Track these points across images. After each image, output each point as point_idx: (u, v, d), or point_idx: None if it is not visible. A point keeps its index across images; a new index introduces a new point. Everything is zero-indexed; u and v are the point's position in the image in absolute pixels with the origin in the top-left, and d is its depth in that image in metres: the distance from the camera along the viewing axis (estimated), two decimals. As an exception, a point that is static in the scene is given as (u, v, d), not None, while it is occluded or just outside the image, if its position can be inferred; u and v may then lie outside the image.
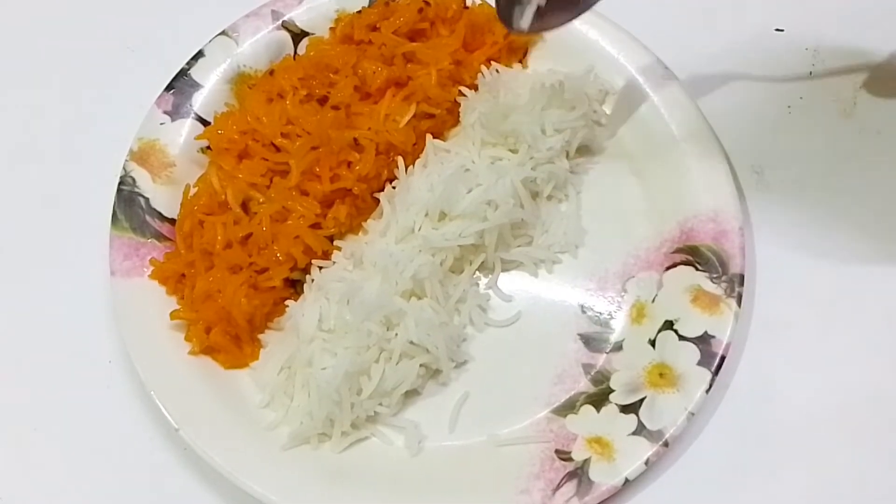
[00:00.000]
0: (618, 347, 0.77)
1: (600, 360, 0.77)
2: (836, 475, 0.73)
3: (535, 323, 0.79)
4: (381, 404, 0.75)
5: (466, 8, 0.87)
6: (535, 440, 0.74)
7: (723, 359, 0.73)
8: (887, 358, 0.77)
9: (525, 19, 0.71)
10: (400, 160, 0.81)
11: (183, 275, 0.79)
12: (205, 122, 0.85)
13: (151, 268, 0.79)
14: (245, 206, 0.80)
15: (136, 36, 0.96)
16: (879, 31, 0.90)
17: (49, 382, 0.80)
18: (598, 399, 0.75)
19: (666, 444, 0.71)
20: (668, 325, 0.76)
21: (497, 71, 0.86)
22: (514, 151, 0.82)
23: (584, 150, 0.85)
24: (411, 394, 0.76)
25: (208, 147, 0.83)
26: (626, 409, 0.73)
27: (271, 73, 0.86)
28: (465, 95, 0.84)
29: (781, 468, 0.73)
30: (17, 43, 0.97)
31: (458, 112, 0.85)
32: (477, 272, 0.81)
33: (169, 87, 0.86)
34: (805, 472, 0.73)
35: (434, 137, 0.83)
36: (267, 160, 0.81)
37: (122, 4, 0.98)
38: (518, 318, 0.79)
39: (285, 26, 0.89)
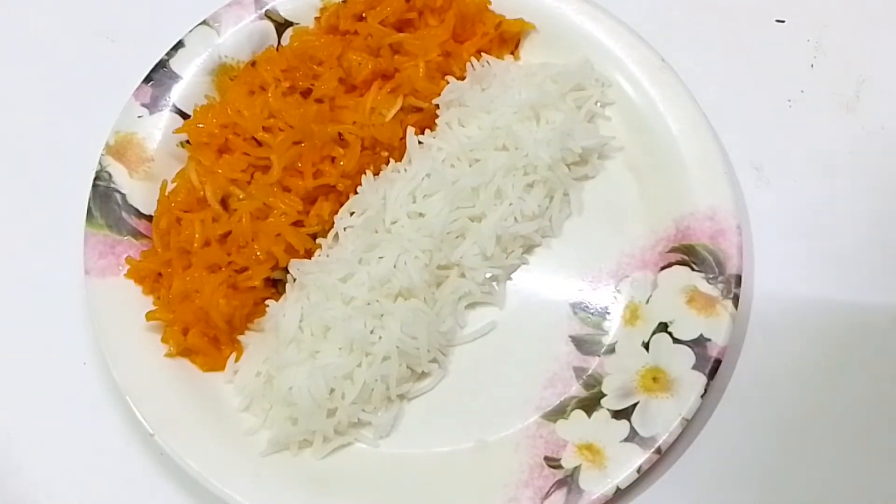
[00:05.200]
0: (610, 350, 0.75)
1: (592, 363, 0.75)
2: (834, 482, 0.71)
3: (526, 324, 0.77)
4: (364, 410, 0.72)
5: (456, -3, 0.85)
6: (524, 446, 0.71)
7: (718, 362, 0.71)
8: (888, 361, 0.75)
9: None
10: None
11: (160, 274, 0.77)
12: (184, 115, 0.83)
13: (127, 266, 0.77)
14: (225, 202, 0.78)
15: (114, 25, 0.93)
16: (883, 21, 0.88)
17: (21, 385, 0.78)
18: (590, 404, 0.73)
19: (659, 452, 0.69)
20: (663, 327, 0.74)
21: (488, 63, 0.84)
22: (500, 149, 0.79)
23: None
24: (396, 398, 0.74)
25: (187, 141, 0.81)
26: (618, 414, 0.71)
27: (253, 64, 0.84)
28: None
29: (779, 476, 0.71)
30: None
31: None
32: (465, 271, 0.78)
33: (147, 79, 0.83)
34: (803, 479, 0.71)
35: (422, 132, 0.81)
36: (248, 155, 0.78)
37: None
38: (507, 319, 0.77)
39: (269, 16, 0.86)
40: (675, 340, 0.73)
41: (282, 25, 0.86)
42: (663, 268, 0.76)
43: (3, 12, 0.95)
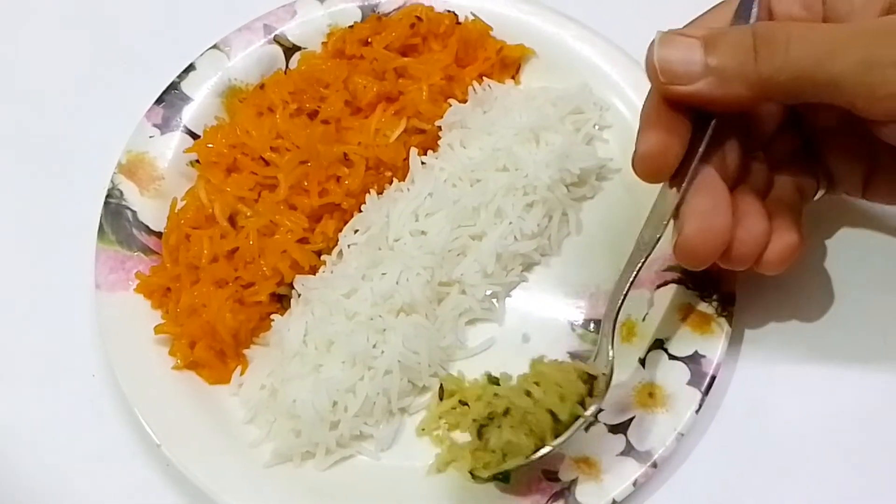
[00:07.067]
0: (607, 366, 0.76)
1: (590, 378, 0.76)
2: (828, 498, 0.72)
3: (525, 341, 0.78)
4: (366, 423, 0.74)
5: (459, 24, 0.87)
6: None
7: (713, 378, 0.72)
8: (881, 378, 0.76)
9: None
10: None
11: (168, 289, 0.78)
12: (194, 136, 0.84)
13: (137, 281, 0.78)
14: (232, 219, 0.79)
15: (127, 48, 0.96)
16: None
17: (31, 396, 0.79)
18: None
19: (654, 465, 0.70)
20: (659, 343, 0.75)
21: (489, 86, 0.86)
22: (501, 170, 0.81)
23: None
24: (398, 412, 0.75)
25: (197, 160, 0.83)
26: (614, 428, 0.72)
27: (262, 87, 0.86)
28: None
29: (773, 491, 0.72)
30: (6, 54, 0.97)
31: (449, 127, 0.84)
32: (466, 288, 0.79)
33: (159, 100, 0.85)
34: (797, 494, 0.72)
35: (425, 153, 0.83)
36: (255, 174, 0.80)
37: (113, 17, 0.98)
38: (507, 335, 0.78)
39: (277, 40, 0.88)
40: (671, 357, 0.74)
41: (290, 50, 0.88)
42: (659, 286, 0.78)
43: (20, 36, 0.98)
